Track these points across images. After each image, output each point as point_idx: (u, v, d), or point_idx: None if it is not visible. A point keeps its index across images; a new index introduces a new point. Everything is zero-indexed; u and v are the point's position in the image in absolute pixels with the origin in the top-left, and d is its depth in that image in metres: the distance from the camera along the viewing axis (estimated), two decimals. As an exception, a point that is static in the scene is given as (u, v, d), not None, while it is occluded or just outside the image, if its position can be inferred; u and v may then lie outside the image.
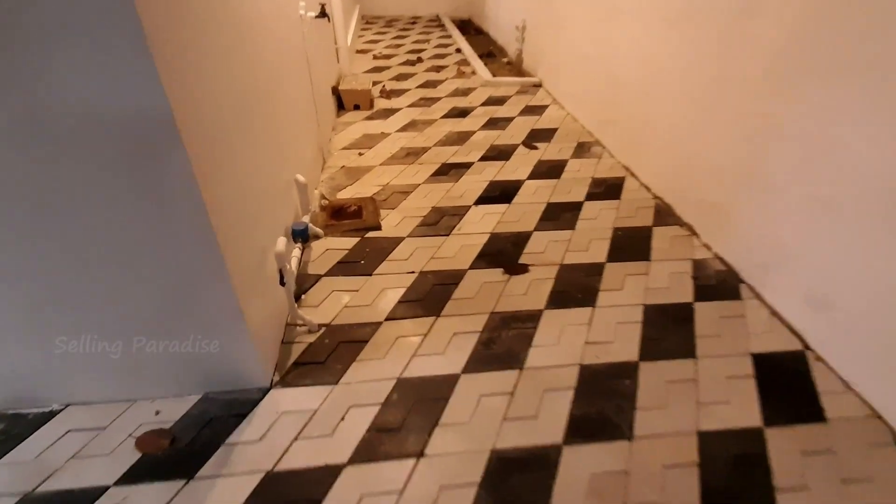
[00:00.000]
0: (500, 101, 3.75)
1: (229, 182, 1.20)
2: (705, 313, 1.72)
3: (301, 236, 1.71)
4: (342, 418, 1.33)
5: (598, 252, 2.02)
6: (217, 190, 1.12)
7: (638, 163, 2.62)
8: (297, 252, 1.66)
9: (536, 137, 3.10)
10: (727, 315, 1.72)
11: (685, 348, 1.58)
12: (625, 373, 1.48)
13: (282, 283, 1.41)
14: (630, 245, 2.07)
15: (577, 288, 1.81)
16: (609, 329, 1.64)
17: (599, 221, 2.23)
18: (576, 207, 2.33)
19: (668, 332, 1.64)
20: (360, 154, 2.81)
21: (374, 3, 7.03)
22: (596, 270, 1.91)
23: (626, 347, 1.57)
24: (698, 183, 2.10)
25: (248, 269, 1.30)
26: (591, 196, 2.43)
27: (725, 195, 1.92)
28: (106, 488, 1.16)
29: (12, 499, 1.14)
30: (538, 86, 4.07)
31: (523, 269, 1.90)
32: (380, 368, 1.48)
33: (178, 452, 1.24)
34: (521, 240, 2.08)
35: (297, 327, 1.60)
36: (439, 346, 1.56)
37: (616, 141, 2.85)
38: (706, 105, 2.01)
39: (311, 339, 1.57)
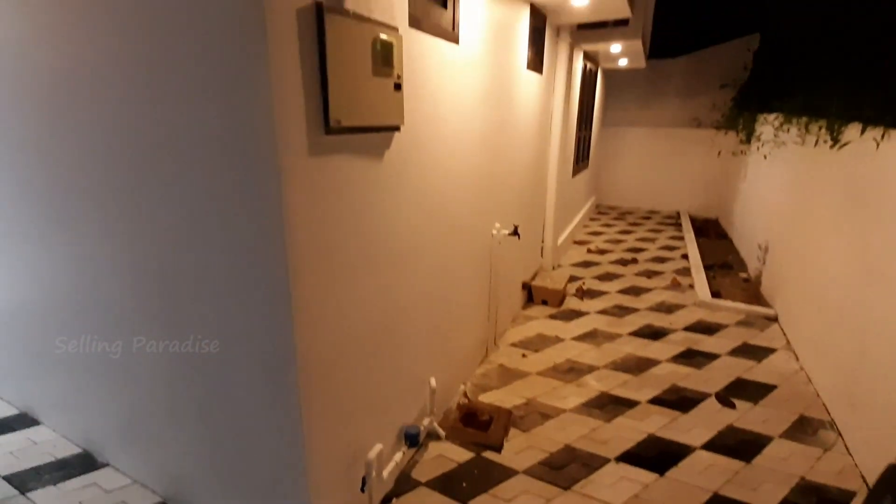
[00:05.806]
0: (710, 328, 3.26)
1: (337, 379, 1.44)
2: None
3: (411, 441, 1.80)
4: None
5: None
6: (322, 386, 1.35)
7: None
8: (398, 457, 1.75)
9: (740, 391, 2.52)
10: None
11: None
12: None
13: (362, 489, 1.50)
14: None
15: None
16: None
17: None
18: (758, 519, 1.72)
19: None
20: (524, 356, 2.84)
21: (611, 192, 7.44)
22: None
23: None
24: None
25: (331, 467, 1.45)
26: (790, 509, 1.76)
27: None
28: None
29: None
30: (772, 320, 3.39)
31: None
32: None
33: None
34: (654, 537, 1.64)
35: (369, 536, 1.62)
36: None
37: (865, 432, 2.04)
38: None
39: (374, 556, 1.56)
